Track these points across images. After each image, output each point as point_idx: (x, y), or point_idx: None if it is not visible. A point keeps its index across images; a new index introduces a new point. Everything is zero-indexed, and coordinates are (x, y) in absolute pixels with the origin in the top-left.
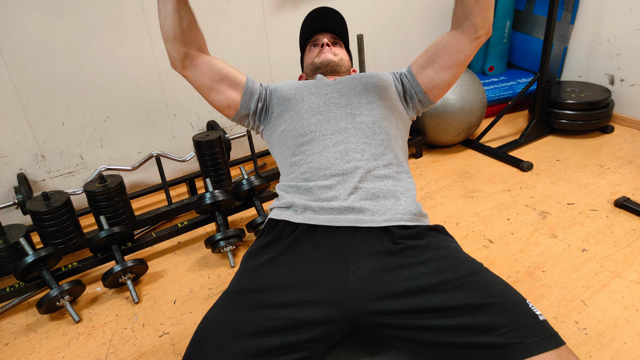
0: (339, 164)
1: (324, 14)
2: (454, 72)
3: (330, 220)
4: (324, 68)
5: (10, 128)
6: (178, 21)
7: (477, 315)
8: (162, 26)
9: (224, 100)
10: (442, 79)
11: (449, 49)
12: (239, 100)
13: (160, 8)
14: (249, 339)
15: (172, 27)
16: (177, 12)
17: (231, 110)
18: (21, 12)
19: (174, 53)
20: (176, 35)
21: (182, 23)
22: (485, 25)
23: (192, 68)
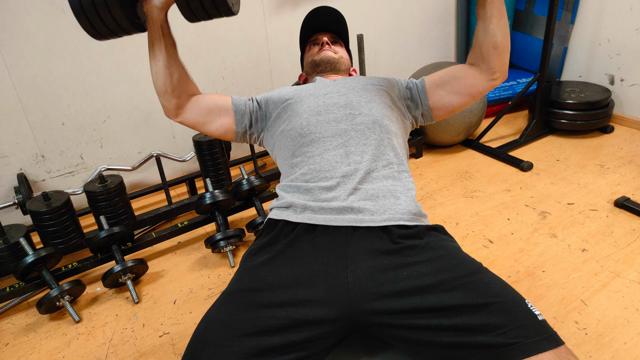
0: (339, 167)
1: (324, 13)
2: (463, 100)
3: (330, 220)
4: (323, 65)
5: (10, 128)
6: (169, 77)
7: (476, 315)
8: (154, 82)
9: (219, 128)
10: (450, 103)
11: (465, 81)
12: (232, 122)
13: (151, 65)
14: (249, 339)
15: (163, 82)
16: (167, 69)
17: (230, 134)
18: (21, 12)
19: (167, 105)
20: (167, 89)
21: (172, 78)
22: (502, 69)
23: (183, 113)
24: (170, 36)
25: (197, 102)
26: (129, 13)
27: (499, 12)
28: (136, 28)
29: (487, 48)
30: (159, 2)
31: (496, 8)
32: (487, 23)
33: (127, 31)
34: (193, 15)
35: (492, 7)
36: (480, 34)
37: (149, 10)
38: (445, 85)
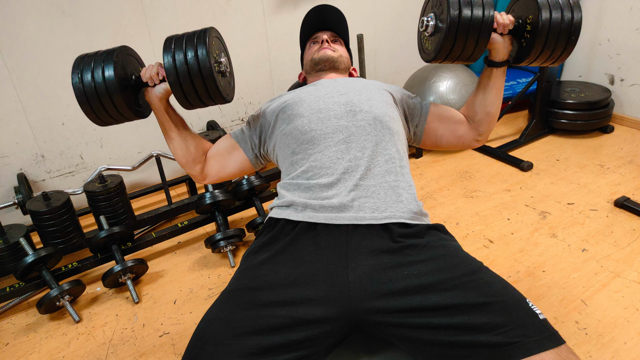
0: (340, 163)
1: (325, 12)
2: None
3: (330, 218)
4: (322, 64)
5: (10, 128)
6: (187, 150)
7: (476, 314)
8: (175, 157)
9: (236, 165)
10: (441, 137)
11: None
12: (243, 154)
13: (168, 144)
14: (249, 337)
15: (183, 155)
16: (183, 144)
17: (247, 164)
18: (22, 13)
19: (193, 172)
20: (188, 160)
21: (190, 150)
22: (487, 133)
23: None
24: (177, 116)
25: (210, 157)
26: (130, 102)
27: (500, 87)
28: (137, 115)
29: (481, 114)
30: (159, 93)
31: (500, 82)
32: (488, 93)
33: (128, 118)
34: (189, 104)
35: (496, 82)
36: (479, 101)
37: (150, 98)
38: (444, 121)
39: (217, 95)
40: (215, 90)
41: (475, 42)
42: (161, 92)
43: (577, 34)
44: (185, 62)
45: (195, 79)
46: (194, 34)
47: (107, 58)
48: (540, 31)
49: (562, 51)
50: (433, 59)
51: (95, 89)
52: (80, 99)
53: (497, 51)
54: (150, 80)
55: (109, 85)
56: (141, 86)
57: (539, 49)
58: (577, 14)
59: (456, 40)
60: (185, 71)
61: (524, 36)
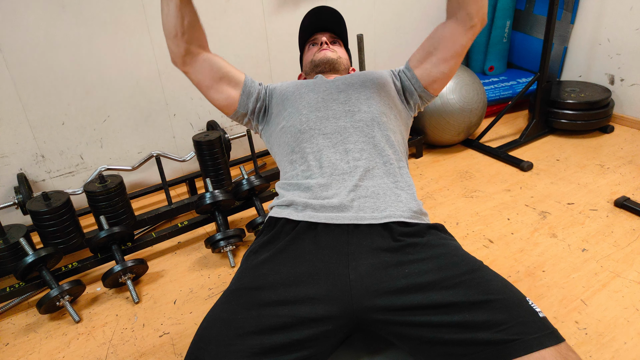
0: (338, 164)
1: (323, 13)
2: (451, 64)
3: (331, 218)
4: (322, 65)
5: (10, 128)
6: (180, 19)
7: (477, 312)
8: (164, 23)
9: (222, 99)
10: (440, 72)
11: (445, 41)
12: (237, 99)
13: (162, 6)
14: (252, 337)
15: (173, 23)
16: (179, 10)
17: (230, 109)
18: (21, 8)
19: (175, 49)
20: (177, 32)
21: (183, 21)
22: (480, 12)
23: (192, 65)
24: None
25: (208, 60)
26: None
27: None
28: None
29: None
30: None
31: None
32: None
33: None
34: None
35: None
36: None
37: None
38: (429, 58)
39: None
40: None
41: None
42: None
43: None
44: None
45: None
46: None
47: None
48: None
49: None
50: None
51: None
52: None
53: None
54: None
55: None
56: None
57: None
58: None
59: None
60: None
61: None
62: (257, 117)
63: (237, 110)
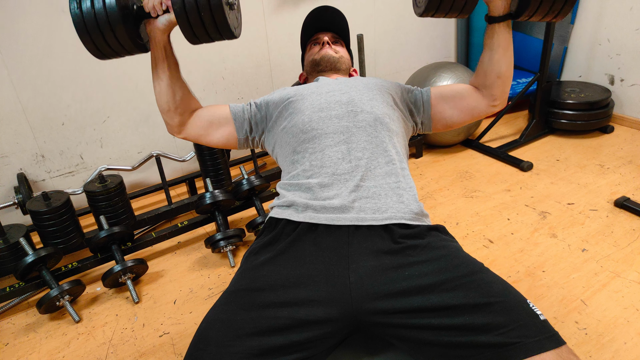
0: (340, 164)
1: (326, 13)
2: (464, 118)
3: (332, 219)
4: (323, 64)
5: (10, 128)
6: (172, 95)
7: (477, 314)
8: (157, 100)
9: (221, 138)
10: (450, 117)
11: (467, 101)
12: (233, 130)
13: (154, 85)
14: (251, 339)
15: (166, 100)
16: (170, 88)
17: (233, 142)
18: (21, 13)
19: (170, 122)
20: (170, 107)
21: (175, 97)
22: (503, 97)
23: (186, 130)
24: (173, 56)
25: (197, 116)
26: (132, 34)
27: (506, 44)
28: (139, 49)
29: (491, 77)
30: (162, 24)
31: (503, 39)
32: (494, 53)
33: (130, 51)
34: (195, 38)
35: (500, 39)
36: (486, 63)
37: (152, 31)
38: (449, 100)
39: (226, 28)
40: (224, 22)
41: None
42: (164, 24)
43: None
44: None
45: (203, 8)
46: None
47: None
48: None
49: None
50: (424, 11)
51: (95, 17)
52: (79, 28)
53: (495, 4)
54: (153, 10)
55: (110, 14)
56: (143, 17)
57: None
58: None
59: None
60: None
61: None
62: (256, 131)
63: (239, 139)
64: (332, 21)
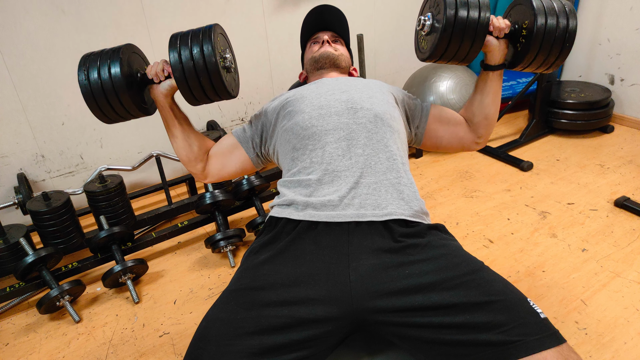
0: (340, 160)
1: (326, 12)
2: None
3: (332, 216)
4: (323, 61)
5: (10, 128)
6: (189, 148)
7: (478, 313)
8: (178, 155)
9: (238, 163)
10: (441, 139)
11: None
12: (244, 152)
13: (171, 142)
14: (251, 337)
15: (186, 154)
16: (186, 142)
17: (248, 164)
18: (21, 12)
19: (194, 170)
20: (190, 159)
21: (192, 148)
22: (486, 137)
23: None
24: (181, 113)
25: (211, 156)
26: (136, 99)
27: (496, 90)
28: (143, 112)
29: (479, 117)
30: (165, 89)
31: (495, 86)
32: (484, 97)
33: (135, 115)
34: (195, 100)
35: (492, 85)
36: (476, 104)
37: (156, 96)
38: (444, 123)
39: (223, 90)
40: (221, 86)
41: (470, 43)
42: (167, 89)
43: (572, 41)
44: (191, 58)
45: (201, 74)
46: (199, 31)
47: (113, 55)
48: (536, 36)
49: (556, 57)
50: (427, 57)
51: (102, 86)
52: (87, 96)
53: (493, 54)
54: (156, 77)
55: (116, 83)
56: (147, 83)
57: (534, 54)
58: (572, 22)
59: (451, 40)
60: (191, 67)
61: (519, 40)
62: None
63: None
64: (331, 20)
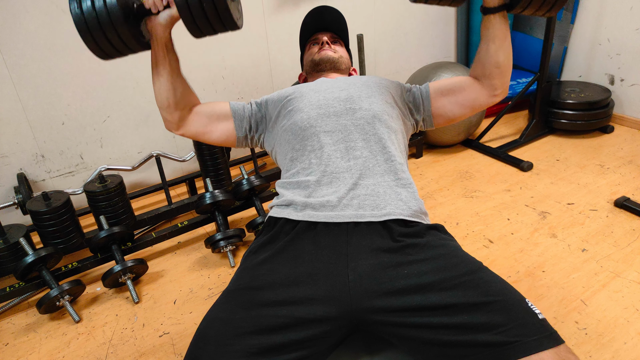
0: (339, 162)
1: (324, 13)
2: (464, 111)
3: (330, 217)
4: (323, 64)
5: (10, 128)
6: (172, 91)
7: (476, 313)
8: (157, 96)
9: (221, 135)
10: (451, 112)
11: (467, 93)
12: (232, 128)
13: (154, 81)
14: (250, 337)
15: (166, 96)
16: (171, 84)
17: (232, 140)
18: (21, 11)
19: (170, 118)
20: (170, 104)
21: (176, 92)
22: (504, 87)
23: (184, 126)
24: (174, 52)
25: (196, 112)
26: (135, 31)
27: (503, 35)
28: (142, 47)
29: (489, 67)
30: (164, 20)
31: (500, 30)
32: (490, 44)
33: (134, 50)
34: (199, 31)
35: (495, 30)
36: (483, 54)
37: (153, 28)
38: (448, 95)
39: (228, 18)
40: (226, 12)
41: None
42: (166, 19)
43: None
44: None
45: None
46: None
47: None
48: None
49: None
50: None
51: (97, 16)
52: (81, 28)
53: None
54: (154, 6)
55: (112, 12)
56: (144, 15)
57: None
58: None
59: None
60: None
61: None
62: (256, 129)
63: (238, 138)
64: (331, 21)
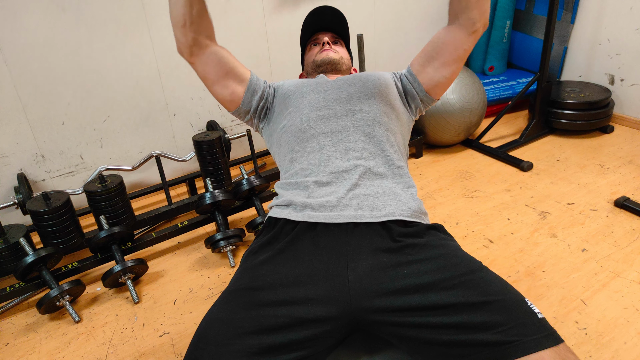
0: (338, 163)
1: (325, 13)
2: (453, 68)
3: (330, 217)
4: (324, 66)
5: (10, 128)
6: (189, 7)
7: (476, 313)
8: (171, 11)
9: (227, 95)
10: (442, 76)
11: (447, 45)
12: (241, 96)
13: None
14: (250, 337)
15: (182, 12)
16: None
17: (232, 105)
18: (22, 10)
19: (182, 39)
20: (185, 21)
21: (192, 9)
22: (483, 17)
23: (198, 56)
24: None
25: (215, 53)
26: None
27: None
28: None
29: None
30: None
31: None
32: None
33: None
34: None
35: None
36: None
37: None
38: (431, 62)
39: None
40: None
41: None
42: None
43: None
44: None
45: None
46: None
47: None
48: None
49: None
50: None
51: None
52: None
53: None
54: None
55: None
56: None
57: None
58: None
59: None
60: None
61: None
62: (259, 115)
63: (239, 107)
64: (331, 21)
